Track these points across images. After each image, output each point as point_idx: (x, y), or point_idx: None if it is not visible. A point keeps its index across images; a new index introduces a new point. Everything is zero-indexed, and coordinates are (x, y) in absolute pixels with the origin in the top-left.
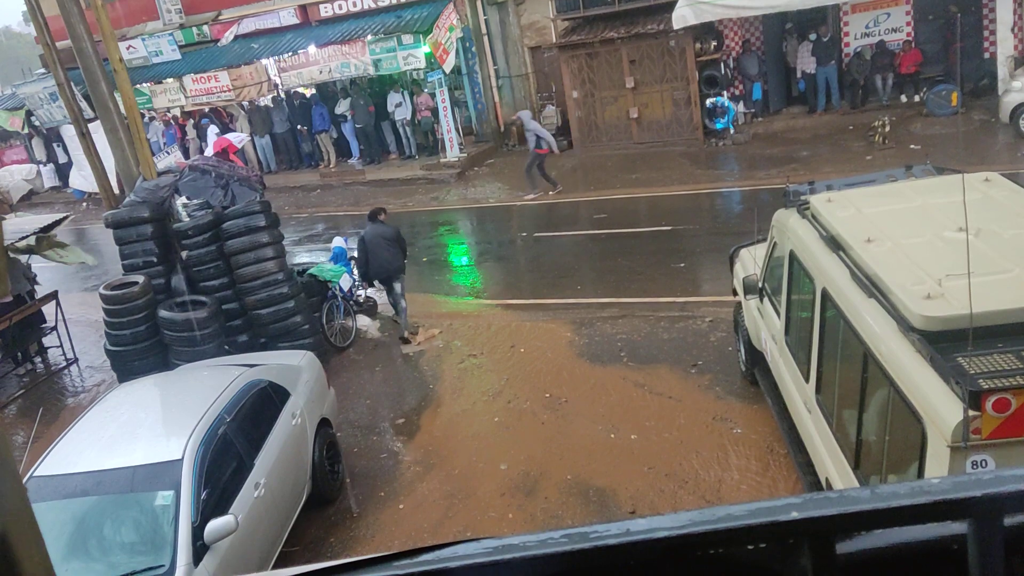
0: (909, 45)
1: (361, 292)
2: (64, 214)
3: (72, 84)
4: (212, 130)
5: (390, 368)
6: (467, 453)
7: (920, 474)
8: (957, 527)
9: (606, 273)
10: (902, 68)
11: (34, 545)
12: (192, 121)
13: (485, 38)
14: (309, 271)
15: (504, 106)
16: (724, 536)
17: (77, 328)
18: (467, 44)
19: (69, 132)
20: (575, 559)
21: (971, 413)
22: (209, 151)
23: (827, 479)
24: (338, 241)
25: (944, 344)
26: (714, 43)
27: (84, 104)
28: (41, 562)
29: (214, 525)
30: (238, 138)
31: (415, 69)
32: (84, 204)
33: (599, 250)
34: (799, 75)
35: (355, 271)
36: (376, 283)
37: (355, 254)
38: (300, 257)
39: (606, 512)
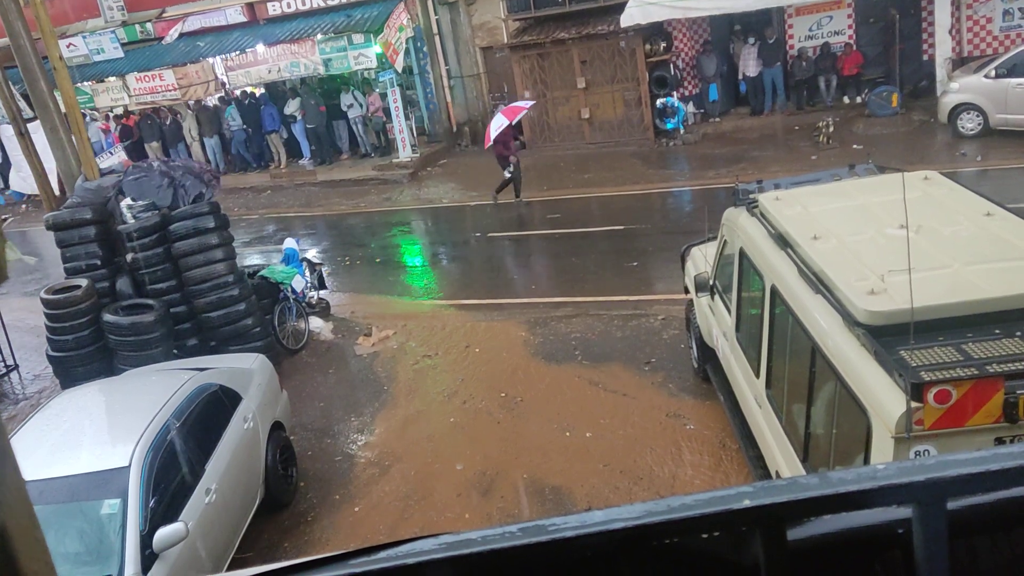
0: (851, 48)
1: (314, 294)
2: (2, 216)
3: (10, 82)
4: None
5: (344, 370)
6: (423, 454)
7: (866, 465)
8: (903, 512)
9: (560, 273)
10: (844, 70)
11: (34, 539)
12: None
13: (437, 38)
14: (260, 273)
15: (456, 106)
16: (679, 526)
17: (17, 334)
18: (418, 44)
19: (7, 132)
20: (533, 552)
21: (914, 405)
22: (500, 120)
23: (777, 472)
24: (289, 242)
25: (888, 338)
26: (663, 44)
27: (23, 103)
28: (41, 556)
29: (163, 533)
30: (526, 103)
31: (366, 69)
32: (23, 206)
33: (553, 250)
34: (740, 76)
35: (307, 273)
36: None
37: (306, 255)
38: (251, 259)
39: (562, 510)
